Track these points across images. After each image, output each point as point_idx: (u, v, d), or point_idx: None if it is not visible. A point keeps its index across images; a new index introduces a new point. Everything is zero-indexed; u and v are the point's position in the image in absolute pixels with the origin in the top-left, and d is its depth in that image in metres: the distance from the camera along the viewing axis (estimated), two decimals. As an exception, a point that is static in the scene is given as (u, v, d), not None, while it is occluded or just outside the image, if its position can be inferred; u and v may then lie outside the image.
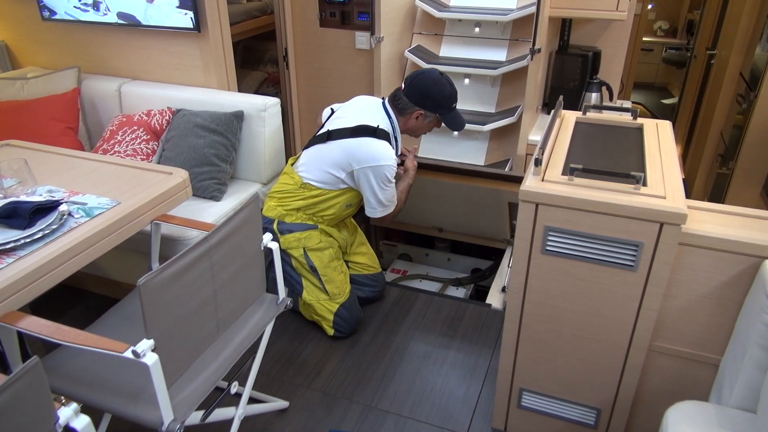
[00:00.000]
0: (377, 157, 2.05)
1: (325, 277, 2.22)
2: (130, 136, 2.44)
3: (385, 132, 2.10)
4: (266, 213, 2.23)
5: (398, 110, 2.16)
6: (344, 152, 2.08)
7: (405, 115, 2.16)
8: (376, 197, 2.11)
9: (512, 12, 2.78)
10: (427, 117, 2.16)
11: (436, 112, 2.16)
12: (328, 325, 2.28)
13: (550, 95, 3.03)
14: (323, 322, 2.29)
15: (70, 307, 2.50)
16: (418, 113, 2.14)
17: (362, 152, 2.06)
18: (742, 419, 1.31)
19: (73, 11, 2.66)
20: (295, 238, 2.19)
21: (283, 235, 2.19)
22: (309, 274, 2.23)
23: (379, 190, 2.09)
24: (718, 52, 3.68)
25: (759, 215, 1.45)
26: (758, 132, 2.77)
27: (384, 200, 2.13)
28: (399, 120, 2.17)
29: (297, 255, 2.21)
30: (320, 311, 2.27)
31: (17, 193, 1.63)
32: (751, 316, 1.32)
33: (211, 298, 1.42)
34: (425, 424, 1.94)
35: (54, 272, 1.43)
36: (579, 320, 1.57)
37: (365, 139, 2.06)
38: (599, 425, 1.72)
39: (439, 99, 2.12)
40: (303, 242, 2.19)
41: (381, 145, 2.06)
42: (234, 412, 1.69)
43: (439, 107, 2.15)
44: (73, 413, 1.09)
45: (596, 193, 1.40)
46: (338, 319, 2.26)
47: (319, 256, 2.21)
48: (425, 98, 2.12)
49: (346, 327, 2.29)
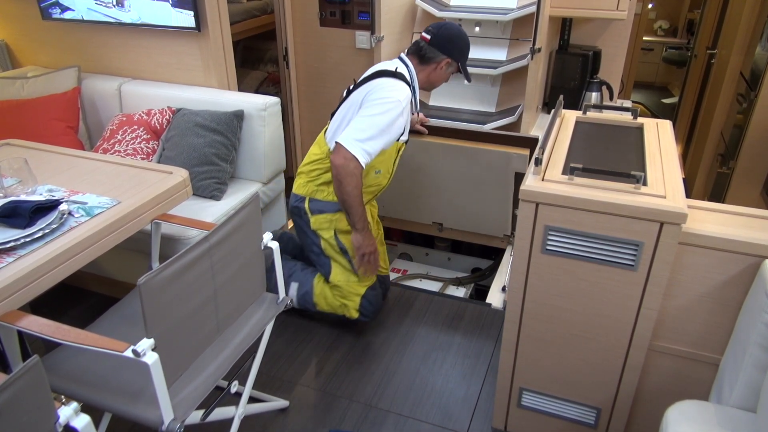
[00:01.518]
0: (387, 90, 1.98)
1: (355, 259, 2.17)
2: (130, 135, 2.44)
3: (404, 75, 2.07)
4: (296, 191, 2.18)
5: (422, 60, 2.13)
6: (361, 94, 2.01)
7: (430, 64, 2.13)
8: (359, 126, 1.92)
9: (512, 11, 2.78)
10: (450, 66, 2.15)
11: (459, 61, 2.16)
12: (353, 308, 2.22)
13: (550, 95, 3.03)
14: (348, 304, 2.22)
15: (70, 307, 2.50)
16: (445, 61, 2.12)
17: (376, 85, 2.00)
18: (742, 419, 1.31)
19: (95, 6, 2.63)
20: (327, 219, 2.14)
21: (314, 215, 2.14)
22: (339, 255, 2.19)
23: (370, 120, 1.92)
24: (719, 52, 3.68)
25: (759, 215, 1.45)
26: (758, 131, 2.77)
27: (363, 133, 1.91)
28: (419, 70, 2.14)
29: (327, 237, 2.16)
30: (347, 293, 2.21)
31: (17, 193, 1.63)
32: (751, 315, 1.32)
33: (211, 298, 1.42)
34: (425, 424, 1.94)
35: (54, 271, 1.43)
36: (579, 320, 1.57)
37: (381, 79, 2.03)
38: (599, 425, 1.72)
39: (464, 47, 2.15)
40: (334, 224, 2.15)
41: (397, 81, 2.02)
42: (234, 412, 1.69)
43: (462, 56, 2.16)
44: (74, 412, 1.10)
45: (596, 193, 1.40)
46: (365, 301, 2.22)
47: (350, 239, 2.14)
48: (453, 47, 2.12)
49: (371, 309, 2.24)
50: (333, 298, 2.26)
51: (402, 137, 2.08)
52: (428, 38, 2.11)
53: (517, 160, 2.50)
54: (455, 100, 2.99)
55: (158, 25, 2.56)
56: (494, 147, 2.52)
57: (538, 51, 2.47)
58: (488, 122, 2.76)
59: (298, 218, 2.21)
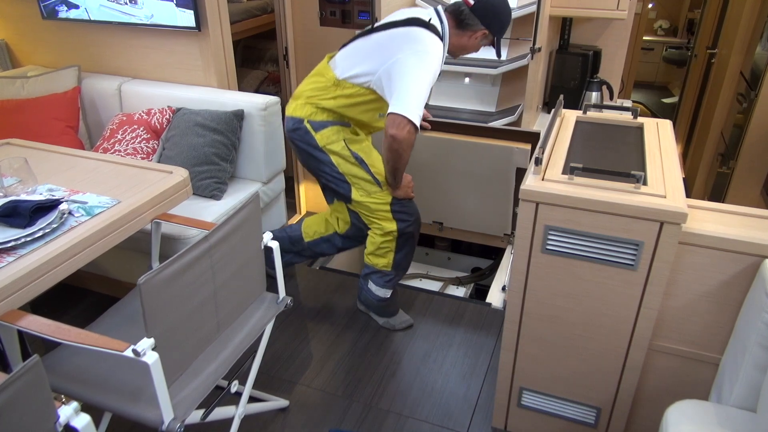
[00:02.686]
0: (426, 44, 1.86)
1: (374, 167, 2.06)
2: (131, 135, 2.44)
3: (436, 29, 1.93)
4: (293, 113, 2.05)
5: (459, 24, 2.00)
6: (390, 39, 1.91)
7: (466, 31, 2.00)
8: (407, 90, 1.82)
9: (513, 11, 2.77)
10: (486, 38, 2.03)
11: (496, 36, 2.02)
12: (388, 221, 2.10)
13: (550, 94, 3.03)
14: (382, 220, 2.11)
15: (70, 306, 2.50)
16: (482, 33, 2.00)
17: (413, 37, 1.88)
18: (742, 418, 1.31)
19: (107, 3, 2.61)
20: (333, 131, 2.02)
21: (318, 132, 2.02)
22: (355, 167, 2.05)
23: (415, 81, 1.83)
24: (719, 51, 3.68)
25: (759, 214, 1.45)
26: (758, 131, 2.77)
27: (413, 98, 1.82)
28: (453, 33, 2.01)
29: (338, 149, 2.03)
30: (375, 207, 2.09)
31: (17, 192, 1.63)
32: (751, 315, 1.32)
33: (211, 297, 1.42)
34: (425, 423, 1.94)
35: (54, 271, 1.43)
36: (579, 319, 1.57)
37: (415, 28, 1.89)
38: (599, 424, 1.72)
39: (506, 22, 2.02)
40: (342, 134, 2.04)
41: (432, 36, 1.89)
42: (234, 411, 1.69)
43: (502, 30, 2.02)
44: (74, 412, 1.09)
45: (596, 192, 1.40)
46: (397, 207, 2.09)
47: (361, 147, 2.06)
48: (495, 19, 1.98)
49: (408, 214, 2.11)
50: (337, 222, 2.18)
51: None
52: (472, 3, 1.96)
53: (519, 154, 2.50)
54: (455, 99, 2.99)
55: (160, 24, 2.56)
56: (496, 142, 2.52)
57: (538, 50, 2.47)
58: (488, 122, 2.76)
59: (302, 142, 2.07)
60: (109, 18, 2.64)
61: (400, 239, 2.15)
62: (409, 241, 2.19)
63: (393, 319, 2.37)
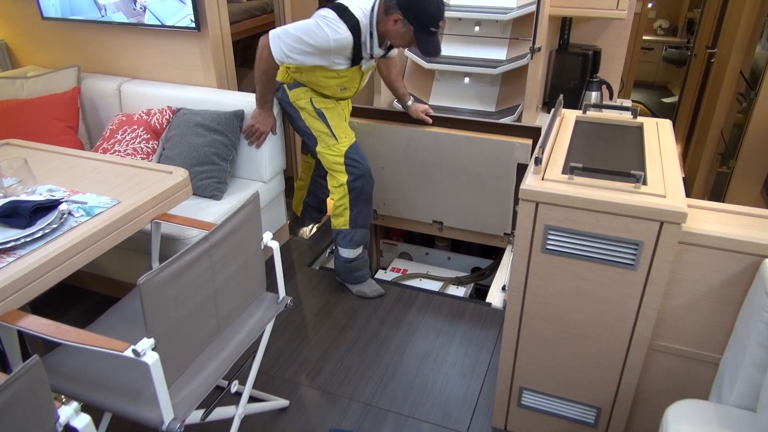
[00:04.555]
0: (326, 18, 2.06)
1: (333, 122, 2.33)
2: (130, 135, 2.44)
3: (353, 17, 2.08)
4: (278, 78, 2.35)
5: (385, 7, 2.09)
6: None
7: (388, 14, 2.08)
8: (287, 26, 2.12)
9: (512, 11, 2.77)
10: (403, 26, 2.07)
11: (413, 26, 2.06)
12: (341, 173, 2.36)
13: (550, 94, 3.03)
14: (336, 172, 2.37)
15: (70, 306, 2.50)
16: (396, 17, 2.05)
17: (321, 14, 2.09)
18: (742, 418, 1.31)
19: None
20: (303, 90, 2.33)
21: (291, 90, 2.34)
22: (317, 121, 2.34)
23: (298, 25, 2.09)
24: (719, 51, 3.68)
25: (759, 214, 1.45)
26: (758, 131, 2.77)
27: (287, 30, 2.10)
28: (380, 19, 2.11)
29: (305, 105, 2.34)
30: (332, 158, 2.35)
31: (17, 192, 1.63)
32: (751, 314, 1.32)
33: (211, 297, 1.42)
34: (425, 423, 1.94)
35: (54, 271, 1.43)
36: (579, 319, 1.57)
37: (329, 9, 2.10)
38: (599, 424, 1.72)
39: (420, 12, 2.02)
40: (309, 93, 2.33)
41: (336, 19, 2.06)
42: (234, 411, 1.69)
43: (417, 21, 2.04)
44: (74, 412, 1.10)
45: (596, 192, 1.40)
46: (349, 160, 2.34)
47: (326, 106, 2.34)
48: (408, 5, 2.02)
49: (358, 165, 2.35)
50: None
51: (338, 66, 2.20)
52: None
53: (520, 149, 2.50)
54: (455, 99, 2.99)
55: (159, 24, 2.56)
56: (496, 137, 2.52)
57: (538, 50, 2.47)
58: (488, 121, 2.76)
59: (282, 101, 2.42)
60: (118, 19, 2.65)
61: (351, 194, 2.40)
62: (360, 197, 2.42)
63: (363, 286, 2.58)
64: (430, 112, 2.63)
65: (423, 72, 3.05)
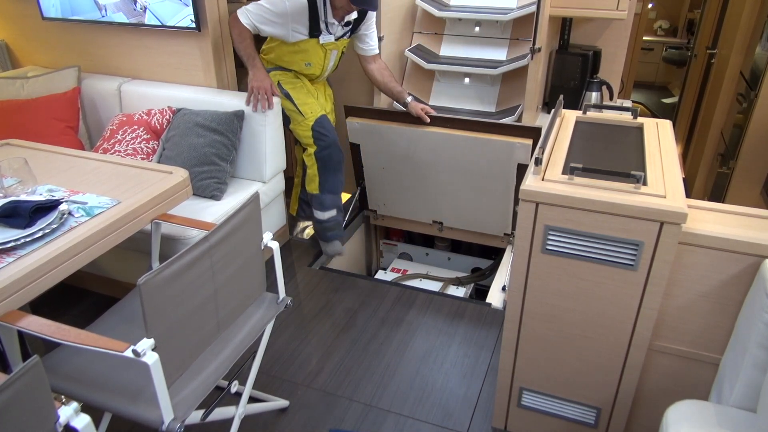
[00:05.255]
0: None
1: (298, 100, 2.56)
2: (131, 135, 2.44)
3: None
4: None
5: None
6: None
7: None
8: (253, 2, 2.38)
9: (512, 11, 2.78)
10: None
11: None
12: (311, 145, 2.59)
13: (550, 94, 3.03)
14: (308, 145, 2.61)
15: (70, 307, 2.50)
16: None
17: None
18: (742, 418, 1.31)
19: None
20: (272, 74, 2.55)
21: (270, 72, 2.55)
22: (287, 102, 2.57)
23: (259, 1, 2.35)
24: (719, 52, 3.68)
25: (759, 214, 1.45)
26: (758, 131, 2.77)
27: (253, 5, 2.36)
28: None
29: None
30: (302, 133, 2.59)
31: (17, 193, 1.63)
32: (751, 315, 1.32)
33: (211, 298, 1.42)
34: (425, 423, 1.94)
35: (54, 271, 1.43)
36: (579, 319, 1.57)
37: None
38: (599, 424, 1.72)
39: None
40: (278, 77, 2.57)
41: None
42: (234, 411, 1.69)
43: None
44: (74, 412, 1.10)
45: (596, 193, 1.40)
46: (316, 133, 2.57)
47: (293, 86, 2.58)
48: None
49: (324, 137, 2.58)
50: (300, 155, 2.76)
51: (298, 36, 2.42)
52: None
53: (520, 149, 2.50)
54: (455, 100, 2.99)
55: (159, 25, 2.56)
56: (497, 137, 2.52)
57: (538, 51, 2.47)
58: (488, 121, 2.76)
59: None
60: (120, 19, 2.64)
61: (319, 163, 2.63)
62: (327, 166, 2.64)
63: (328, 246, 2.83)
64: (431, 113, 2.64)
65: (423, 72, 3.06)
